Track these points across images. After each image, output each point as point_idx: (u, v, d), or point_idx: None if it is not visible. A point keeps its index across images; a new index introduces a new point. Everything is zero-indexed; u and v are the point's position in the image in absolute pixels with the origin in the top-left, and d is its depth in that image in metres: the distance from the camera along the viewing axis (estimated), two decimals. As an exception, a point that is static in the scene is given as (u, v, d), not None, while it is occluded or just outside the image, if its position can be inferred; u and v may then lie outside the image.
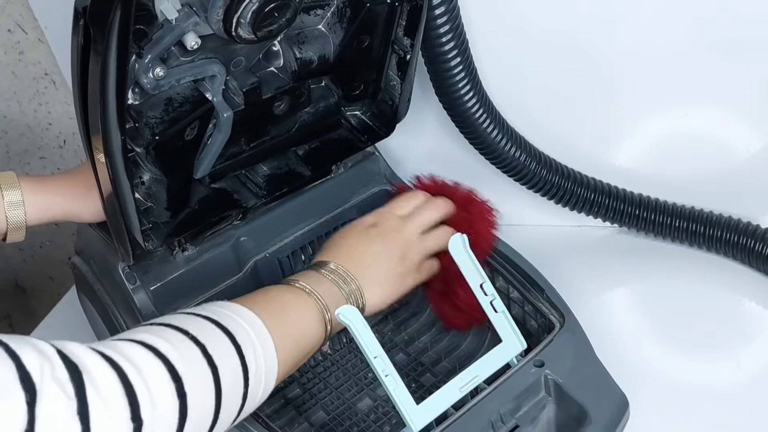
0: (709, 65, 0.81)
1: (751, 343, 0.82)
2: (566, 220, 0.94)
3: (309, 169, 0.80)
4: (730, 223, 0.86)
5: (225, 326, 0.57)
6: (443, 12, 0.74)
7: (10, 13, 1.06)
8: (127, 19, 0.53)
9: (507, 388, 0.68)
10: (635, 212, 0.89)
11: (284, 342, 0.60)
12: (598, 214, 0.90)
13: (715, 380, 0.78)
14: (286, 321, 0.63)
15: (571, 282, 0.78)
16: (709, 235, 0.87)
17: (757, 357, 0.80)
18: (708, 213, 0.88)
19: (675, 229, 0.89)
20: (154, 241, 0.70)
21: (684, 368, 0.80)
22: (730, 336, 0.81)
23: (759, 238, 0.83)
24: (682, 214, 0.88)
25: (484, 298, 0.70)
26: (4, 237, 0.71)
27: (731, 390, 0.76)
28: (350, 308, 0.64)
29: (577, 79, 0.85)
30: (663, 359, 0.81)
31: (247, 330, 0.58)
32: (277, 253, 0.81)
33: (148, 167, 0.69)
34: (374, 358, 0.64)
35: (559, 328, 0.72)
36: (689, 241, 0.89)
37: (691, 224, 0.88)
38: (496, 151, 0.84)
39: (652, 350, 0.82)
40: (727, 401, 0.75)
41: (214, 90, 0.68)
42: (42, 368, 0.44)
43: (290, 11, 0.64)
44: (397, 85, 0.79)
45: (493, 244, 0.79)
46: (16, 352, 0.44)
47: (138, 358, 0.49)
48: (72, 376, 0.45)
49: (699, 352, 0.81)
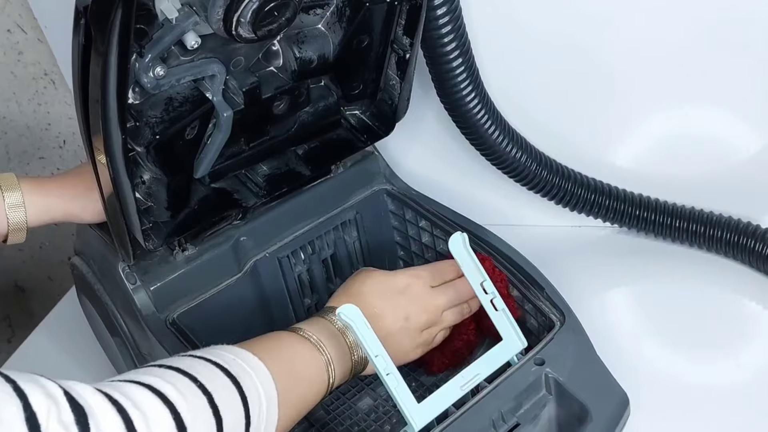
0: (709, 65, 0.81)
1: (751, 343, 0.82)
2: (566, 221, 0.94)
3: (309, 169, 0.80)
4: (730, 223, 0.86)
5: (234, 375, 0.56)
6: (445, 12, 0.74)
7: (10, 13, 1.06)
8: (128, 18, 0.53)
9: (508, 386, 0.68)
10: (635, 212, 0.89)
11: (288, 391, 0.60)
12: (598, 214, 0.90)
13: (715, 380, 0.78)
14: (292, 371, 0.62)
15: (571, 282, 0.78)
16: (709, 235, 0.86)
17: (757, 357, 0.80)
18: (708, 213, 0.88)
19: (675, 230, 0.88)
20: (155, 241, 0.70)
21: (684, 368, 0.80)
22: (730, 336, 0.81)
23: (759, 238, 0.83)
24: (682, 215, 0.88)
25: (485, 296, 0.70)
26: (4, 239, 0.71)
27: (731, 390, 0.76)
28: (351, 307, 0.64)
29: (577, 80, 0.85)
30: (663, 359, 0.80)
31: (253, 379, 0.57)
32: (277, 252, 0.81)
33: (148, 167, 0.69)
34: (375, 357, 0.64)
35: (559, 327, 0.72)
36: (689, 241, 0.89)
37: (691, 224, 0.87)
38: (497, 152, 0.84)
39: (652, 350, 0.81)
40: (727, 401, 0.74)
41: (214, 89, 0.68)
42: (48, 410, 0.44)
43: (290, 10, 0.64)
44: (396, 85, 0.79)
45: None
46: (24, 392, 0.44)
47: (145, 404, 0.49)
48: (78, 420, 0.45)
49: (699, 351, 0.81)
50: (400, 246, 0.90)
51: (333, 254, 0.86)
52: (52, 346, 0.93)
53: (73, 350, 0.92)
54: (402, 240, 0.89)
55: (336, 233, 0.85)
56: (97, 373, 0.88)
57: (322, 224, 0.84)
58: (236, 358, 0.58)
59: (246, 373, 0.57)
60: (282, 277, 0.82)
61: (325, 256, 0.85)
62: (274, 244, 0.81)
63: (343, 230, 0.86)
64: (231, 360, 0.57)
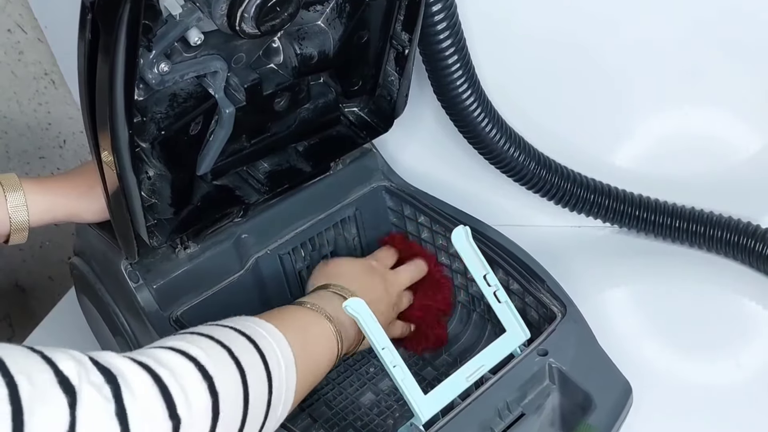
0: (709, 65, 0.81)
1: (751, 343, 0.81)
2: (566, 221, 0.93)
3: (309, 165, 0.81)
4: (730, 223, 0.85)
5: (250, 336, 0.58)
6: (440, 9, 0.75)
7: (10, 13, 1.05)
8: (137, 13, 0.53)
9: (512, 377, 0.69)
10: (635, 213, 0.89)
11: (304, 358, 0.62)
12: (598, 214, 0.90)
13: (715, 380, 0.77)
14: (306, 340, 0.64)
15: (570, 282, 0.77)
16: (709, 235, 0.86)
17: (757, 357, 0.80)
18: (708, 213, 0.87)
19: (675, 230, 0.88)
20: (159, 238, 0.70)
21: (684, 368, 0.79)
22: (730, 336, 0.81)
23: (759, 238, 0.83)
24: (682, 215, 0.87)
25: (488, 288, 0.71)
26: (6, 239, 0.71)
27: (731, 390, 0.76)
28: (357, 300, 0.64)
29: (576, 79, 0.85)
30: (663, 359, 0.80)
31: (271, 342, 0.59)
32: (278, 249, 0.81)
33: (152, 163, 0.69)
34: (382, 350, 0.64)
35: (561, 318, 0.73)
36: (689, 241, 0.89)
37: (691, 225, 0.87)
38: (495, 150, 0.84)
39: (652, 350, 0.81)
40: (727, 401, 0.74)
41: (216, 86, 0.68)
42: (78, 373, 0.45)
43: (292, 6, 0.64)
44: (395, 81, 0.80)
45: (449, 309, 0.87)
46: (52, 359, 0.45)
47: (169, 361, 0.50)
48: (107, 379, 0.46)
49: (699, 352, 0.80)
50: (399, 242, 0.90)
51: (333, 251, 0.86)
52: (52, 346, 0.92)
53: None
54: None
55: (336, 230, 0.86)
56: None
57: (321, 221, 0.84)
58: (253, 325, 0.60)
59: (263, 338, 0.59)
60: (283, 273, 0.83)
61: (325, 253, 0.86)
62: (275, 241, 0.81)
63: (343, 227, 0.86)
64: (249, 326, 0.59)
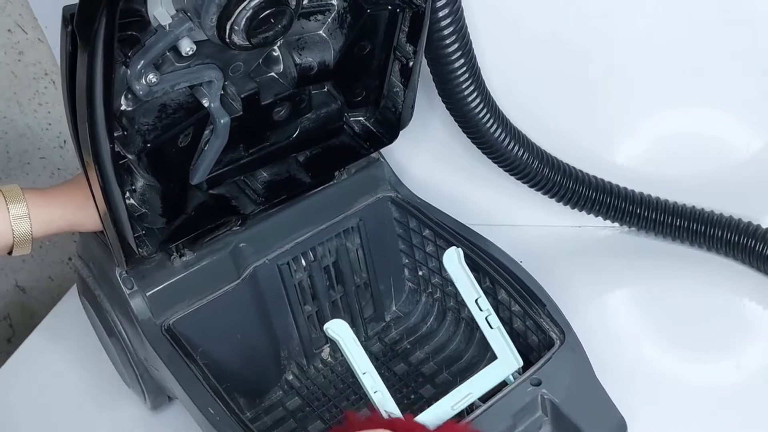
0: (710, 65, 0.81)
1: (751, 344, 0.81)
2: (567, 221, 0.94)
3: (310, 176, 0.79)
4: (730, 222, 0.86)
5: None
6: (447, 14, 0.74)
7: (10, 13, 1.06)
8: (111, 26, 0.52)
9: (502, 406, 0.67)
10: (636, 211, 0.89)
11: None
12: (600, 212, 0.90)
13: (715, 380, 0.77)
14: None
15: (571, 282, 0.79)
16: (709, 234, 0.87)
17: (757, 357, 0.80)
18: (709, 212, 0.88)
19: (676, 228, 0.89)
20: (149, 247, 0.70)
21: (684, 368, 0.79)
22: (730, 336, 0.81)
23: (759, 238, 0.83)
24: (683, 213, 0.88)
25: (480, 313, 0.69)
26: (10, 251, 0.71)
27: (731, 390, 0.75)
28: (339, 322, 0.63)
29: (578, 79, 0.86)
30: (663, 359, 0.80)
31: None
32: (277, 259, 0.80)
33: (141, 174, 0.68)
34: (363, 374, 0.63)
35: (558, 345, 0.70)
36: (690, 240, 0.89)
37: (692, 223, 0.88)
38: (499, 150, 0.84)
39: (652, 350, 0.81)
40: (727, 401, 0.74)
41: (211, 96, 0.67)
42: None
43: (286, 18, 0.62)
44: (400, 92, 0.78)
45: None
46: None
47: None
48: None
49: (699, 352, 0.81)
50: (404, 254, 0.88)
51: (335, 262, 0.84)
52: (52, 346, 0.93)
53: (73, 350, 0.92)
54: (406, 248, 0.88)
55: (338, 240, 0.84)
56: (97, 373, 0.89)
57: (323, 231, 0.82)
58: None
59: None
60: (282, 284, 0.81)
61: (326, 264, 0.84)
62: (274, 251, 0.80)
63: (346, 237, 0.85)
64: None
